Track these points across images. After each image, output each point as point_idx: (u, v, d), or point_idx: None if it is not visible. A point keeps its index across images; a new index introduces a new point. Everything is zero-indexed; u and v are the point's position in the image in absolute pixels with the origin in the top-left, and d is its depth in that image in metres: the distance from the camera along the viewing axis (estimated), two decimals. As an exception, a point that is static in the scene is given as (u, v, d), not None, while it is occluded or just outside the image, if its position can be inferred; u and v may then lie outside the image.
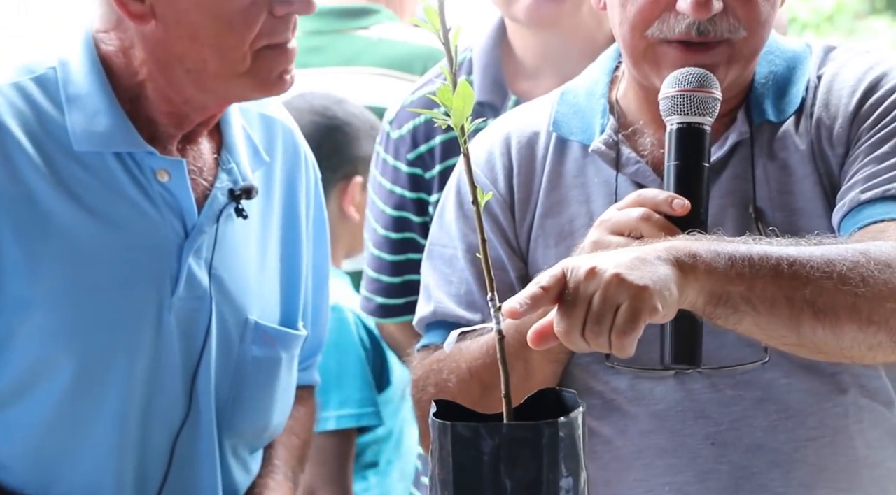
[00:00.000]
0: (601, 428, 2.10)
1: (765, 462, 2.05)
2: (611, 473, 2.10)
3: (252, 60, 2.01)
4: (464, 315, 2.16)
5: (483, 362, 2.05)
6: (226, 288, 2.11)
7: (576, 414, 1.62)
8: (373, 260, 3.13)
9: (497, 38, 2.97)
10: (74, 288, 2.02)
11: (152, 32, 2.01)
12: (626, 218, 1.95)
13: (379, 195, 3.09)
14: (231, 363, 2.13)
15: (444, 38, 1.50)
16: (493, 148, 2.22)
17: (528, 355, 1.98)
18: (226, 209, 2.11)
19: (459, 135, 1.54)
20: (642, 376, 2.08)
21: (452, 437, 1.60)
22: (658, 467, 2.08)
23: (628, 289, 1.70)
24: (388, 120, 3.06)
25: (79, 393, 2.03)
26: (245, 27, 1.99)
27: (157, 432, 2.08)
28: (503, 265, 2.15)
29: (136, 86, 2.06)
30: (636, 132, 2.14)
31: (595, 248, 1.93)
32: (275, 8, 2.00)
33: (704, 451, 2.06)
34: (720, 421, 2.06)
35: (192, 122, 2.09)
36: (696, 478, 2.06)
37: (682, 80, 2.00)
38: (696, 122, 1.99)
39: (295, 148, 2.28)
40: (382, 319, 3.21)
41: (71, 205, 2.02)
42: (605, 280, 1.70)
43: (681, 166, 1.98)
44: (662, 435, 2.07)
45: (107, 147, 2.04)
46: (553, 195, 2.16)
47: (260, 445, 2.24)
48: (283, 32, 2.02)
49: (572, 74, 2.65)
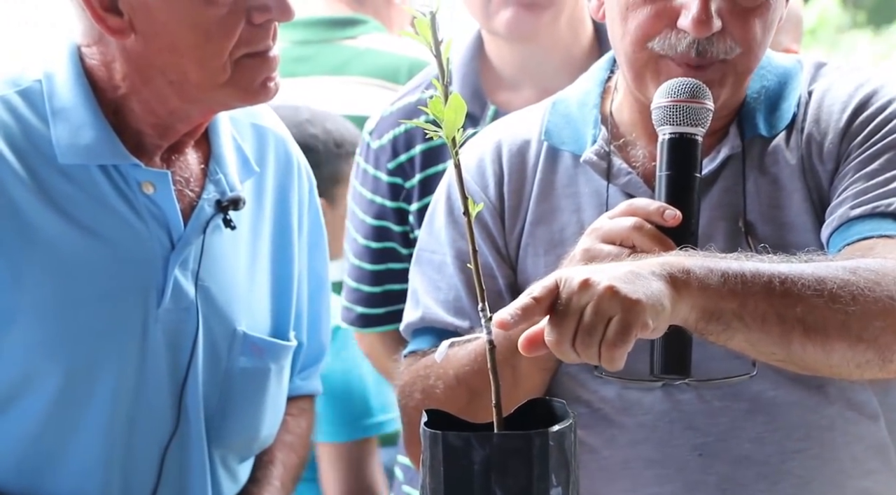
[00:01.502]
0: (588, 437, 2.10)
1: (752, 474, 2.06)
2: (597, 483, 2.10)
3: (233, 70, 2.01)
4: (452, 321, 2.16)
5: (471, 369, 2.05)
6: (213, 299, 2.11)
7: (566, 424, 1.63)
8: (353, 269, 3.14)
9: (475, 49, 2.98)
10: (59, 300, 2.02)
11: (132, 46, 2.02)
12: (618, 227, 1.95)
13: (359, 205, 3.09)
14: (219, 374, 2.13)
15: (436, 50, 1.51)
16: (483, 155, 2.23)
17: (517, 362, 1.98)
18: (213, 220, 2.11)
19: (451, 147, 1.55)
20: (630, 386, 2.08)
21: (443, 447, 1.61)
22: (645, 477, 2.08)
23: (621, 303, 1.70)
24: (368, 130, 3.07)
25: (64, 405, 2.03)
26: (223, 36, 1.99)
27: (145, 444, 2.08)
28: (492, 272, 2.16)
29: (119, 98, 2.07)
30: (628, 143, 2.15)
31: (586, 256, 1.94)
32: (252, 16, 2.01)
33: (692, 462, 2.06)
34: (708, 432, 2.06)
35: (178, 133, 2.10)
36: (683, 489, 2.07)
37: (674, 91, 2.01)
38: (689, 132, 2.00)
39: (287, 157, 2.28)
40: (362, 329, 3.21)
41: (56, 217, 2.02)
42: (598, 292, 1.71)
43: (672, 176, 1.99)
44: (650, 445, 2.08)
45: (92, 160, 2.05)
46: (543, 204, 2.17)
47: (250, 455, 2.25)
48: (263, 40, 2.02)
49: (550, 85, 2.66)
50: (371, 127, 3.06)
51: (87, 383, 2.03)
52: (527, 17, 2.84)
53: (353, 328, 3.22)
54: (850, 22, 11.66)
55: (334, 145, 3.31)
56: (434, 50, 1.51)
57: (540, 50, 2.91)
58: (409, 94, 3.05)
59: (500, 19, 2.85)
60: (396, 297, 3.15)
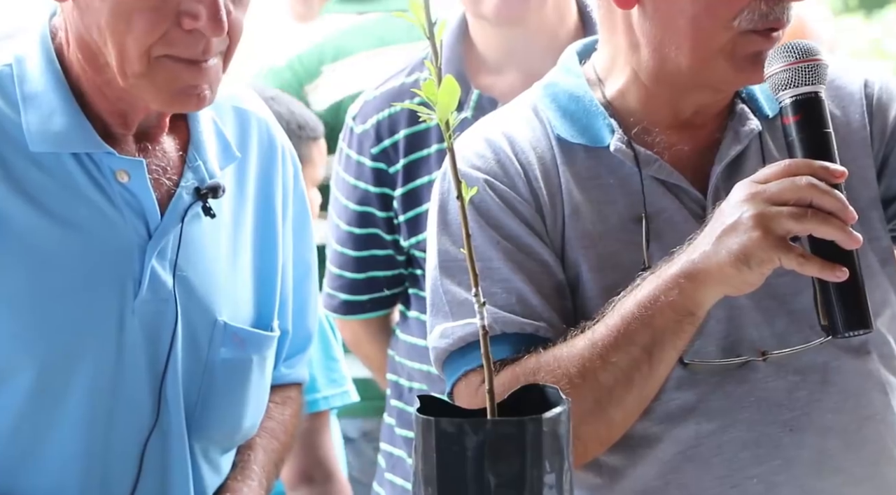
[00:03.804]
0: (671, 434, 2.08)
1: (839, 443, 2.08)
2: (691, 477, 2.08)
3: (150, 66, 1.94)
4: (527, 322, 2.07)
5: (602, 362, 2.00)
6: (192, 289, 2.07)
7: (560, 410, 1.61)
8: (336, 256, 3.12)
9: (459, 33, 2.97)
10: (33, 292, 1.97)
11: (70, 13, 1.97)
12: (791, 186, 1.91)
13: (342, 191, 3.08)
14: (200, 366, 2.09)
15: (429, 31, 1.49)
16: (499, 156, 2.14)
17: (655, 347, 1.99)
18: (191, 208, 2.06)
19: (444, 130, 1.52)
20: (711, 372, 2.07)
21: (436, 433, 1.58)
22: (741, 460, 2.07)
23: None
24: (351, 115, 3.06)
25: (41, 398, 1.99)
26: (144, 30, 1.92)
27: (124, 438, 2.04)
28: (551, 270, 2.09)
29: (84, 81, 2.02)
30: (644, 131, 2.12)
31: (761, 221, 1.90)
32: (182, 20, 1.93)
33: (785, 438, 2.07)
34: (792, 407, 2.07)
35: (134, 120, 2.04)
36: (782, 467, 2.07)
37: (788, 54, 1.99)
38: (813, 90, 1.98)
39: (270, 141, 2.23)
40: (346, 316, 3.20)
41: (28, 207, 1.97)
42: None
43: (810, 136, 1.97)
44: (742, 427, 2.07)
45: (64, 147, 1.99)
46: (574, 197, 2.11)
47: (232, 446, 2.20)
48: (190, 48, 1.94)
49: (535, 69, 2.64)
50: (354, 112, 3.05)
51: (64, 376, 1.99)
52: (514, 1, 2.83)
53: (336, 315, 3.21)
54: (842, 6, 11.71)
55: (297, 127, 3.31)
56: (427, 31, 1.49)
57: (526, 34, 2.90)
58: (392, 78, 3.03)
59: (487, 3, 2.84)
60: (380, 284, 3.14)
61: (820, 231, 1.90)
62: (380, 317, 3.23)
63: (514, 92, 2.92)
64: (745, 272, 1.92)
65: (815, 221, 1.89)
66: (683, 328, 1.98)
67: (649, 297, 1.98)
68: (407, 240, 3.01)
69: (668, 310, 1.96)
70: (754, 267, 1.91)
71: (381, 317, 3.24)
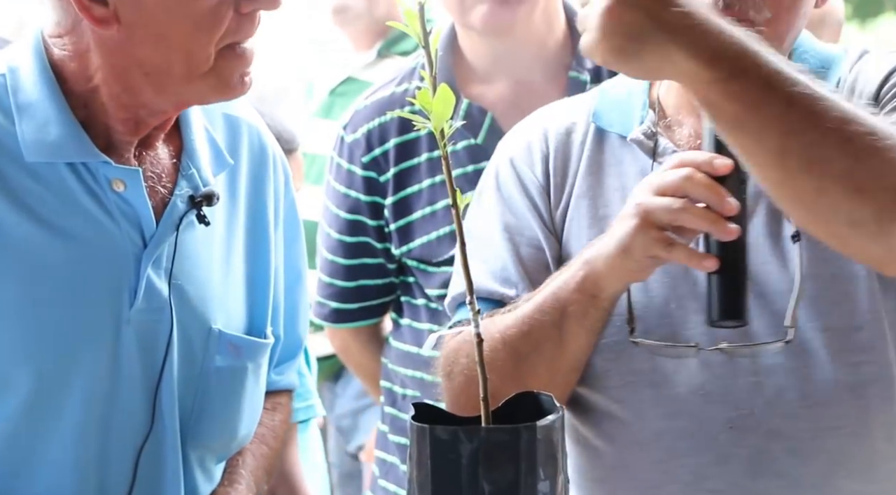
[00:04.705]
0: (621, 410, 2.14)
1: (782, 448, 2.08)
2: (629, 455, 2.14)
3: (214, 60, 1.98)
4: (497, 289, 2.19)
5: (518, 331, 2.09)
6: (187, 298, 2.07)
7: (554, 418, 1.62)
8: (327, 264, 3.13)
9: (448, 43, 2.98)
10: (28, 302, 1.98)
11: (112, 36, 1.97)
12: (670, 178, 1.97)
13: (333, 200, 3.08)
14: (194, 374, 2.10)
15: (424, 41, 1.50)
16: (531, 138, 2.27)
17: (565, 324, 2.06)
18: (186, 216, 2.07)
19: (439, 139, 1.53)
20: (663, 354, 2.11)
21: (431, 440, 1.60)
22: (678, 448, 2.10)
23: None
24: (342, 124, 3.07)
25: (36, 408, 1.99)
26: (213, 26, 1.96)
27: (119, 447, 2.04)
28: (540, 245, 2.20)
29: (88, 91, 2.02)
30: (675, 122, 2.17)
31: (638, 210, 1.96)
32: (241, 4, 1.97)
33: (723, 435, 2.08)
34: (739, 406, 2.08)
35: (148, 127, 2.05)
36: (714, 461, 2.09)
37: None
38: None
39: (261, 147, 2.24)
40: (336, 325, 3.21)
41: (23, 217, 1.98)
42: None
43: (711, 128, 1.99)
44: (684, 417, 2.10)
45: (59, 157, 2.00)
46: (589, 178, 2.20)
47: (227, 455, 2.21)
48: (249, 30, 1.99)
49: (523, 79, 2.66)
50: (345, 121, 3.06)
51: (59, 385, 1.99)
52: (502, 12, 2.84)
53: (327, 323, 3.21)
54: (837, 14, 11.73)
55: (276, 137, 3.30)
56: (423, 41, 1.50)
57: (514, 43, 2.91)
58: (382, 88, 3.04)
59: (475, 14, 2.85)
60: (370, 293, 3.15)
61: (691, 222, 1.94)
62: (370, 325, 3.24)
63: (503, 101, 2.94)
64: (628, 261, 1.99)
65: (687, 214, 1.94)
66: (588, 310, 2.06)
67: (565, 278, 2.07)
68: (398, 249, 3.02)
69: (574, 293, 2.05)
70: (636, 256, 1.97)
71: (372, 325, 3.24)
